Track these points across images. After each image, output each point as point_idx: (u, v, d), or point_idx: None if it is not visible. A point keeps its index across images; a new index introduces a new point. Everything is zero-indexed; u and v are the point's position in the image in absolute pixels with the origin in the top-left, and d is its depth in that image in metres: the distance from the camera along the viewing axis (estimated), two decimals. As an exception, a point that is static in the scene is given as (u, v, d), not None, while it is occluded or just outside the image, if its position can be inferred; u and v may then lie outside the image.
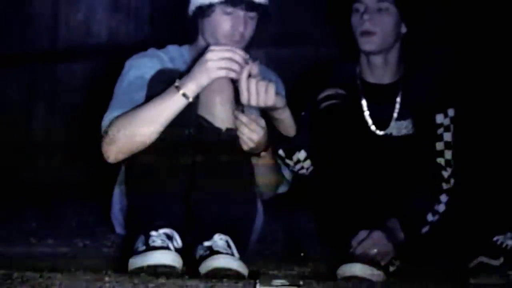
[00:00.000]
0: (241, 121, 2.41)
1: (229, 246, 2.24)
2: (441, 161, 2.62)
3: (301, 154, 2.64)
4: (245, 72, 2.35)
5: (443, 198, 2.58)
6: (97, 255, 2.59)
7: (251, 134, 2.42)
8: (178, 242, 2.24)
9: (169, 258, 2.15)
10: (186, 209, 2.33)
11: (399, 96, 2.68)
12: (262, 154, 2.49)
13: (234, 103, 2.40)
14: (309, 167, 2.66)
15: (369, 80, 2.72)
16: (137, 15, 3.75)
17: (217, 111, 2.37)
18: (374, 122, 2.68)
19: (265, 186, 2.60)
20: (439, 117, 2.64)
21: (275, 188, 2.66)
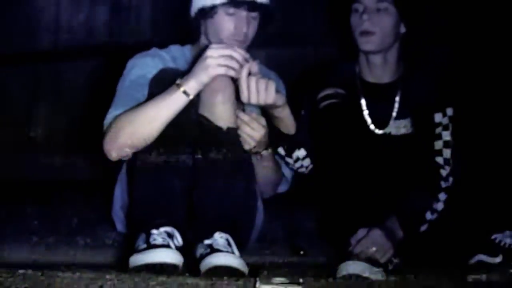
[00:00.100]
0: (242, 120, 2.42)
1: (229, 244, 2.24)
2: (439, 160, 2.62)
3: (301, 152, 2.65)
4: (245, 70, 2.35)
5: (442, 196, 2.59)
6: (98, 253, 2.60)
7: (252, 132, 2.43)
8: (178, 240, 2.25)
9: (169, 256, 2.15)
10: (187, 207, 2.33)
11: (398, 95, 2.69)
12: (263, 153, 2.50)
13: (235, 102, 2.40)
14: (309, 165, 2.67)
15: (368, 79, 2.72)
16: (138, 15, 3.76)
17: (218, 110, 2.37)
18: (373, 121, 2.68)
19: (265, 184, 2.60)
20: (438, 116, 2.65)
21: (275, 187, 2.67)
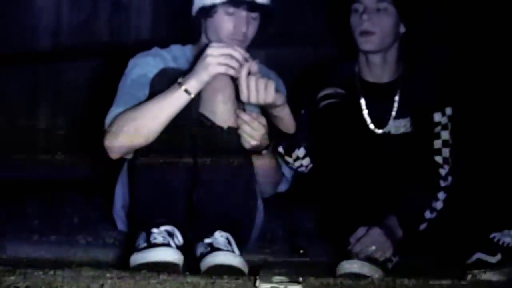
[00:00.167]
0: (242, 119, 2.42)
1: (229, 243, 2.25)
2: (438, 159, 2.63)
3: (301, 151, 2.66)
4: (245, 70, 2.35)
5: (441, 195, 2.60)
6: (99, 252, 2.60)
7: (253, 132, 2.42)
8: (179, 239, 2.25)
9: (170, 255, 2.15)
10: (187, 206, 2.34)
11: (398, 95, 2.69)
12: (263, 152, 2.50)
13: (235, 102, 2.40)
14: (308, 164, 2.68)
15: (368, 79, 2.73)
16: (138, 15, 3.77)
17: (219, 110, 2.37)
18: (373, 121, 2.68)
19: (265, 184, 2.60)
20: (437, 116, 2.66)
21: (275, 186, 2.67)
